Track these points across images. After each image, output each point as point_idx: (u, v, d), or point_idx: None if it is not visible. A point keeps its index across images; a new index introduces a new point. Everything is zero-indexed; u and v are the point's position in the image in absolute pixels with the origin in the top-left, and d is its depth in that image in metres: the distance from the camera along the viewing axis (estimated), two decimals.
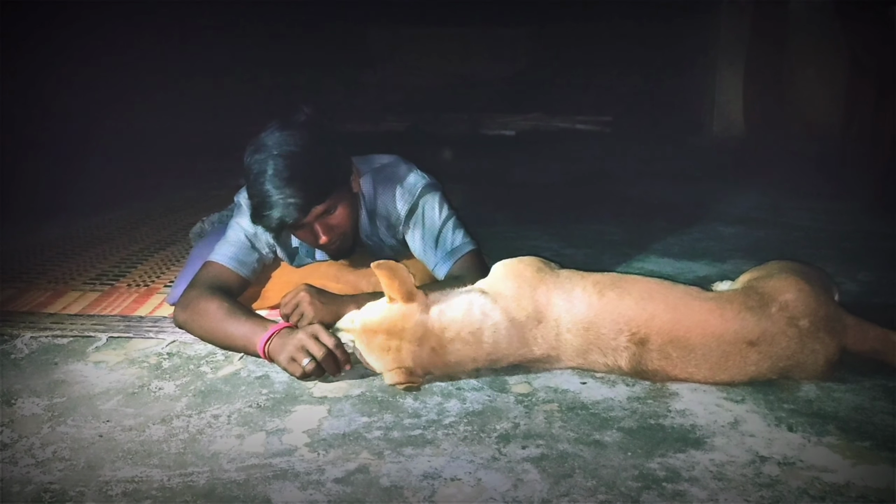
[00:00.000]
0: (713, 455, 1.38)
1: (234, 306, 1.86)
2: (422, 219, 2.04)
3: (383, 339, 1.63)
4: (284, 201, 1.77)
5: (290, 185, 1.77)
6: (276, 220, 1.79)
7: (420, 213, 2.04)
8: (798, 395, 1.61)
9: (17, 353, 1.89)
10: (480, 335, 1.65)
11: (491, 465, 1.35)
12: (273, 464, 1.36)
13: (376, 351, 1.65)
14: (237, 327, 1.80)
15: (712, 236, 3.11)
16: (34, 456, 1.39)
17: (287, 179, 1.77)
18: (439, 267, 2.04)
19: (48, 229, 3.25)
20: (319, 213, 1.85)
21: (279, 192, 1.77)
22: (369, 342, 1.65)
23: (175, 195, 4.12)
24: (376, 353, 1.65)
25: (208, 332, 1.87)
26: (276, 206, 1.77)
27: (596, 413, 1.55)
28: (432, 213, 2.04)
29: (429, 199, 2.05)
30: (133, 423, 1.52)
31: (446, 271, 2.03)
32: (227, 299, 1.88)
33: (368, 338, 1.65)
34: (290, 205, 1.77)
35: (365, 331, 1.66)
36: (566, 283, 1.72)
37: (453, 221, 2.06)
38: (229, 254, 2.01)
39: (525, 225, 3.36)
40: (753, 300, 1.69)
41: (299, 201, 1.78)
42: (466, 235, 2.07)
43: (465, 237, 2.06)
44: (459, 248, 2.04)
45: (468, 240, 2.06)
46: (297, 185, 1.77)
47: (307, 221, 1.84)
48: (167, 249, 2.94)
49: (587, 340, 1.67)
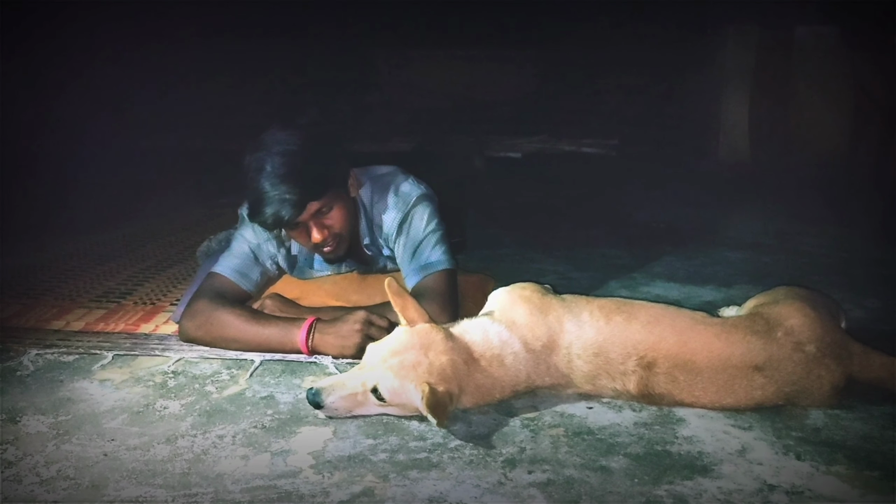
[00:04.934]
0: (721, 483, 1.37)
1: (254, 310, 1.95)
2: (409, 227, 2.04)
3: (414, 355, 1.57)
4: (280, 197, 1.80)
5: (286, 182, 1.80)
6: (272, 216, 1.82)
7: (409, 221, 2.04)
8: (806, 423, 1.60)
9: (23, 369, 1.89)
10: (503, 360, 1.64)
11: (497, 489, 1.34)
12: (278, 485, 1.35)
13: (406, 369, 1.55)
14: (266, 329, 1.90)
15: (718, 261, 3.11)
16: (38, 474, 1.39)
17: (283, 176, 1.81)
18: (409, 278, 2.03)
19: (55, 246, 3.26)
20: (314, 210, 1.88)
21: (275, 188, 1.80)
22: (400, 364, 1.56)
23: (182, 213, 4.13)
24: (406, 371, 1.55)
25: (232, 339, 1.93)
26: (272, 202, 1.81)
27: (602, 438, 1.54)
28: (419, 224, 2.04)
29: (419, 210, 2.05)
30: (138, 443, 1.51)
31: (413, 284, 2.01)
32: (242, 306, 1.96)
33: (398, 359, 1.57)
34: (285, 201, 1.80)
35: (394, 353, 1.58)
36: (574, 308, 1.72)
37: (437, 236, 2.05)
38: (233, 266, 2.05)
39: (530, 247, 3.36)
40: (759, 325, 1.69)
41: (294, 197, 1.81)
42: (446, 253, 2.04)
43: (444, 255, 2.03)
44: (433, 265, 2.01)
45: (445, 258, 2.03)
46: (292, 181, 1.81)
47: (302, 220, 1.87)
48: (174, 268, 2.94)
49: (597, 366, 1.66)
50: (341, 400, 1.58)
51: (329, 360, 1.92)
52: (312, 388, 1.59)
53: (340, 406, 1.59)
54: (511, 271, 2.71)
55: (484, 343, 1.64)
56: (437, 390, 1.51)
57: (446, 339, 1.61)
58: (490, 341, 1.65)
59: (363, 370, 1.60)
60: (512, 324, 1.69)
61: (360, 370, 1.61)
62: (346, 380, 1.60)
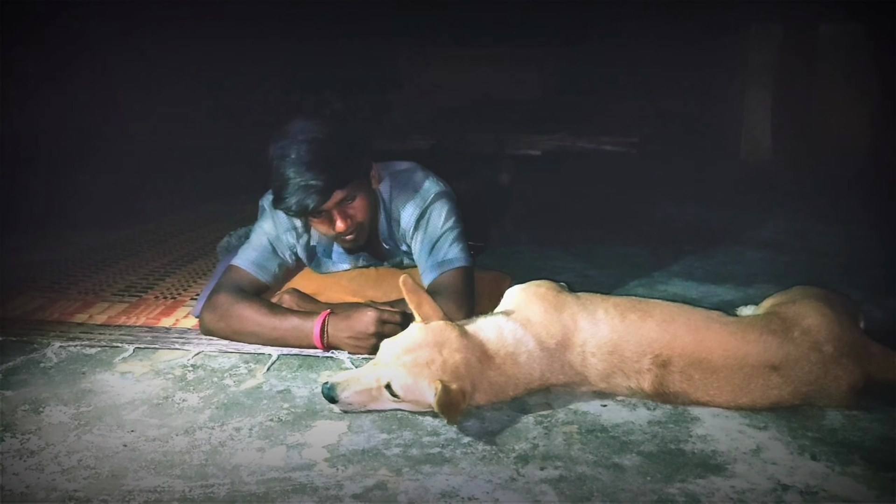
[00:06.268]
0: (734, 482, 1.36)
1: (272, 304, 1.97)
2: (426, 223, 2.05)
3: (427, 353, 1.57)
4: (305, 184, 1.81)
5: (312, 169, 1.81)
6: (297, 203, 1.83)
7: (427, 217, 2.05)
8: (822, 424, 1.59)
9: (47, 361, 1.93)
10: (517, 358, 1.65)
11: (509, 485, 1.35)
12: (292, 478, 1.37)
13: (420, 366, 1.56)
14: (283, 323, 1.92)
15: (737, 260, 3.09)
16: (60, 464, 1.42)
17: (309, 164, 1.82)
18: (426, 275, 2.04)
19: (79, 241, 3.32)
20: (339, 199, 1.89)
21: (300, 176, 1.81)
22: (414, 361, 1.57)
23: (203, 209, 4.18)
24: (419, 369, 1.56)
25: (249, 332, 1.95)
26: (298, 189, 1.82)
27: (616, 436, 1.54)
28: (437, 220, 2.04)
29: (437, 206, 2.05)
30: (157, 434, 1.54)
31: (430, 280, 2.01)
32: (261, 299, 1.99)
33: (412, 356, 1.58)
34: (311, 188, 1.81)
35: (407, 350, 1.59)
36: (589, 306, 1.72)
37: (455, 233, 2.05)
38: (251, 258, 2.07)
39: (548, 245, 3.36)
40: (776, 324, 1.68)
41: (320, 184, 1.82)
42: (463, 251, 2.04)
43: (461, 252, 2.03)
44: (450, 262, 2.01)
45: (463, 255, 2.03)
46: (319, 168, 1.82)
47: (326, 208, 1.88)
48: (194, 263, 2.98)
49: (611, 364, 1.66)
50: (356, 395, 1.60)
51: (346, 356, 1.94)
52: (327, 383, 1.61)
53: (355, 401, 1.60)
54: (528, 269, 2.71)
55: (498, 341, 1.65)
56: (450, 389, 1.52)
57: (461, 336, 1.62)
58: (504, 339, 1.66)
59: (377, 366, 1.61)
60: (527, 321, 1.69)
61: (374, 366, 1.63)
62: (361, 375, 1.61)
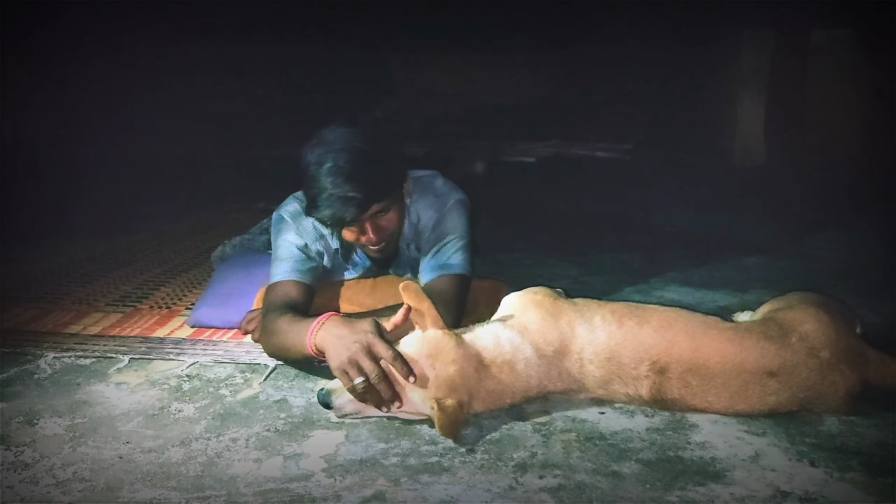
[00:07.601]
0: (733, 489, 1.36)
1: (295, 315, 1.81)
2: (439, 226, 2.04)
3: (419, 367, 1.57)
4: (343, 196, 1.76)
5: (351, 181, 1.76)
6: (332, 215, 1.79)
7: (442, 221, 2.04)
8: (820, 430, 1.59)
9: (41, 372, 1.91)
10: (514, 366, 1.64)
11: (508, 494, 1.34)
12: (290, 489, 1.36)
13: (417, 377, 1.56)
14: (291, 332, 1.76)
15: (733, 266, 3.09)
16: (55, 476, 1.41)
17: (348, 175, 1.76)
18: (424, 274, 2.02)
19: (72, 251, 3.30)
20: (375, 212, 1.85)
21: (337, 187, 1.76)
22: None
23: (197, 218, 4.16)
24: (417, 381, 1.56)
25: (278, 349, 1.85)
26: (334, 201, 1.77)
27: (614, 444, 1.53)
28: (449, 225, 2.04)
29: (454, 213, 2.04)
30: (152, 445, 1.53)
31: (426, 280, 1.99)
32: (292, 312, 1.84)
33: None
34: (349, 200, 1.76)
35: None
36: (586, 313, 1.71)
37: (463, 242, 2.03)
38: (287, 268, 1.99)
39: (543, 252, 3.36)
40: (773, 330, 1.68)
41: (360, 197, 1.77)
42: (466, 261, 2.02)
43: (464, 262, 2.01)
44: (451, 267, 1.99)
45: (465, 265, 2.01)
46: (359, 180, 1.77)
47: (361, 219, 1.84)
48: (189, 272, 2.97)
49: (609, 371, 1.66)
50: (350, 402, 1.59)
51: None
52: (323, 389, 1.60)
53: (350, 407, 1.60)
54: (524, 276, 2.71)
55: (495, 349, 1.64)
56: (447, 407, 1.50)
57: (457, 346, 1.61)
58: (501, 347, 1.65)
59: None
60: (524, 329, 1.69)
61: None
62: None
